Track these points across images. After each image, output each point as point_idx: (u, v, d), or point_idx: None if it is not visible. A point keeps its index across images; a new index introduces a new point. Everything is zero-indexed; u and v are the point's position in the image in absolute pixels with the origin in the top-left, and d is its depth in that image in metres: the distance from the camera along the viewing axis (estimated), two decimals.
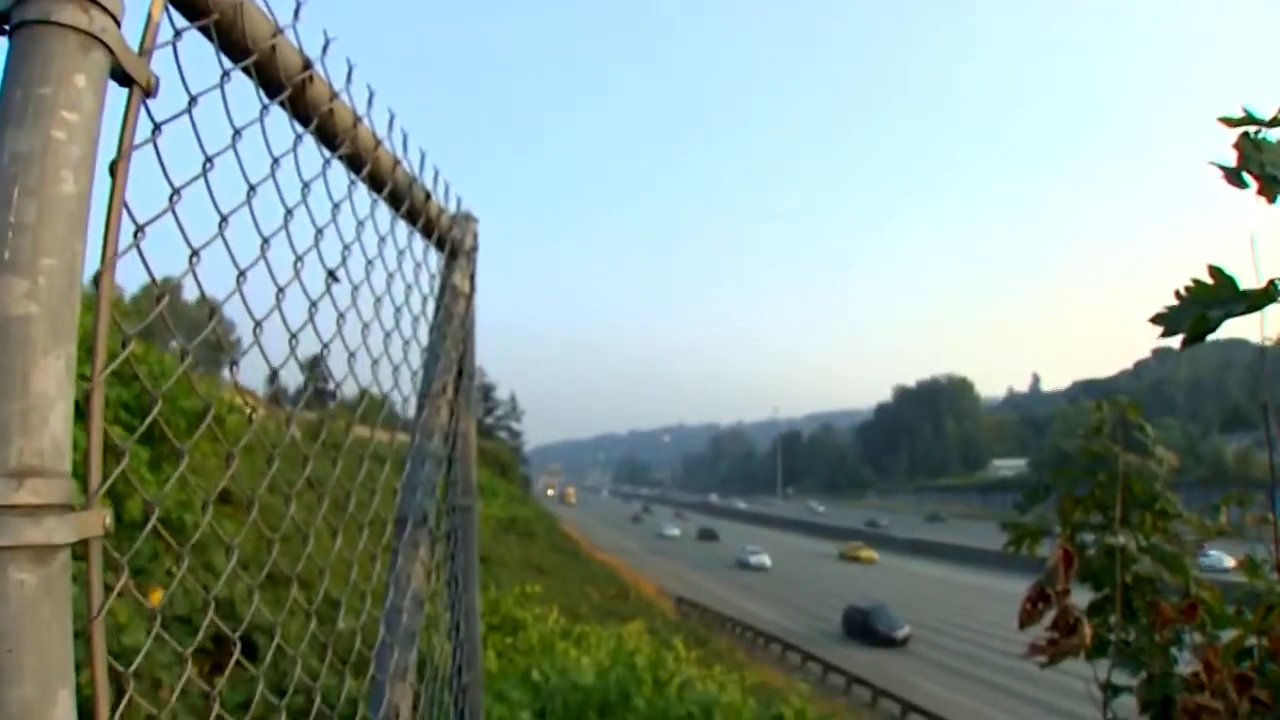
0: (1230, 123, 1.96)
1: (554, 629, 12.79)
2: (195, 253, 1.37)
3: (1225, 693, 2.88)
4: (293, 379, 1.76)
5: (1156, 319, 1.92)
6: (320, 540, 1.92)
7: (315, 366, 1.92)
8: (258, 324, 1.56)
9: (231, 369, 1.66)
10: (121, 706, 1.21)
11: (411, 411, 2.53)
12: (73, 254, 1.04)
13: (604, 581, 35.81)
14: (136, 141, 1.20)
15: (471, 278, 2.91)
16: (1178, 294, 1.91)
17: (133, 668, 1.26)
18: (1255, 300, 1.83)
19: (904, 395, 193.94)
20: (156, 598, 4.29)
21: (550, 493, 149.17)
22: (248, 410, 2.05)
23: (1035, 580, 3.62)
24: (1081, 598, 3.40)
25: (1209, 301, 1.86)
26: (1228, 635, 3.16)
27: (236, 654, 1.58)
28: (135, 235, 1.21)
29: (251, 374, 1.63)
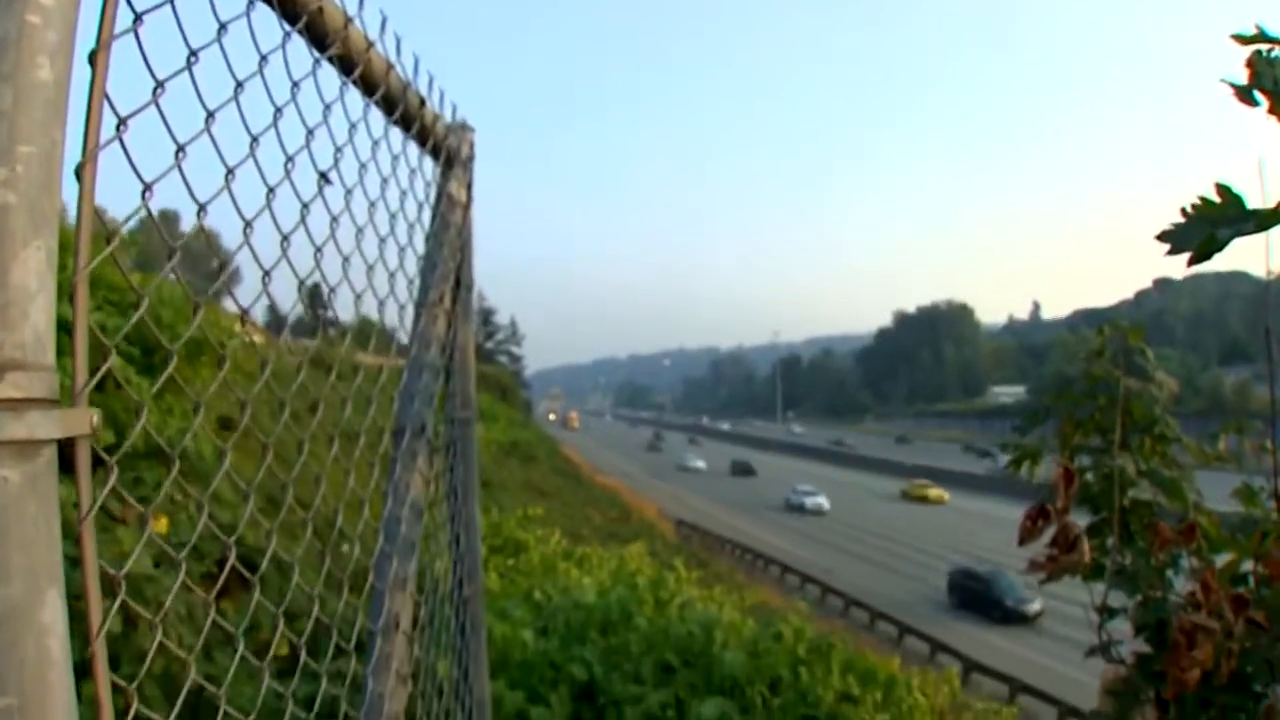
0: (1243, 40, 1.91)
1: (556, 550, 12.89)
2: (181, 148, 1.33)
3: (1221, 613, 2.89)
4: (288, 293, 1.73)
5: (1163, 236, 1.88)
6: (322, 463, 1.92)
7: (314, 295, 1.90)
8: (247, 224, 1.52)
9: (229, 285, 1.62)
10: (112, 611, 1.18)
11: (409, 323, 2.50)
12: (51, 142, 1.00)
13: (605, 504, 36.09)
14: (116, 31, 1.15)
15: (468, 187, 2.86)
16: (1184, 212, 1.87)
17: (124, 571, 1.23)
18: (1264, 219, 1.80)
19: (904, 321, 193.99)
20: (161, 524, 4.31)
21: (551, 417, 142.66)
22: (247, 337, 2.01)
23: (1037, 498, 3.63)
24: (1079, 523, 3.40)
25: (1216, 220, 1.82)
26: (1223, 561, 3.17)
27: (258, 587, 1.57)
28: (118, 128, 1.17)
29: (250, 303, 1.60)
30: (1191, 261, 1.85)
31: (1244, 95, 1.86)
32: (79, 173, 1.10)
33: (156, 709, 1.33)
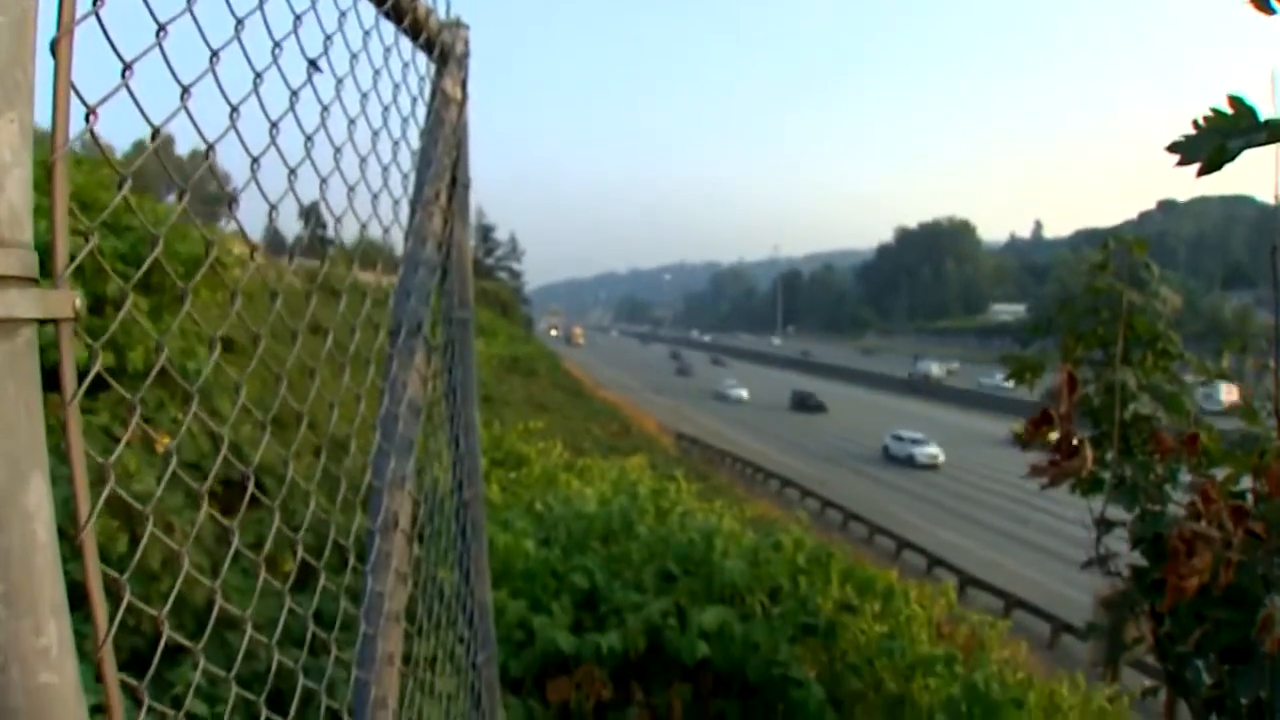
0: None
1: (557, 463, 12.94)
2: (161, 28, 1.28)
3: (1221, 523, 2.89)
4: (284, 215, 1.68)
5: (1174, 147, 1.84)
6: (324, 381, 1.90)
7: (310, 213, 1.86)
8: (234, 109, 1.47)
9: (230, 207, 1.57)
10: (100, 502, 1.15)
11: (405, 220, 2.45)
12: (23, 11, 0.95)
13: (606, 418, 36.25)
14: None
15: (463, 85, 2.80)
16: (1196, 124, 1.83)
17: (110, 458, 1.21)
18: (1277, 131, 1.75)
19: (905, 237, 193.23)
20: (163, 443, 4.30)
21: (553, 333, 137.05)
22: (246, 253, 1.97)
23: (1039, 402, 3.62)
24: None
25: (1228, 131, 1.78)
26: (1221, 476, 3.17)
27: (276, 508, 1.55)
28: (94, 3, 1.12)
29: (247, 222, 1.55)
30: (1201, 172, 1.81)
31: (1260, 3, 1.79)
32: (54, 48, 1.05)
33: (169, 627, 1.32)
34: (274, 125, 1.60)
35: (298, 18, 1.71)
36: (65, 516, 1.01)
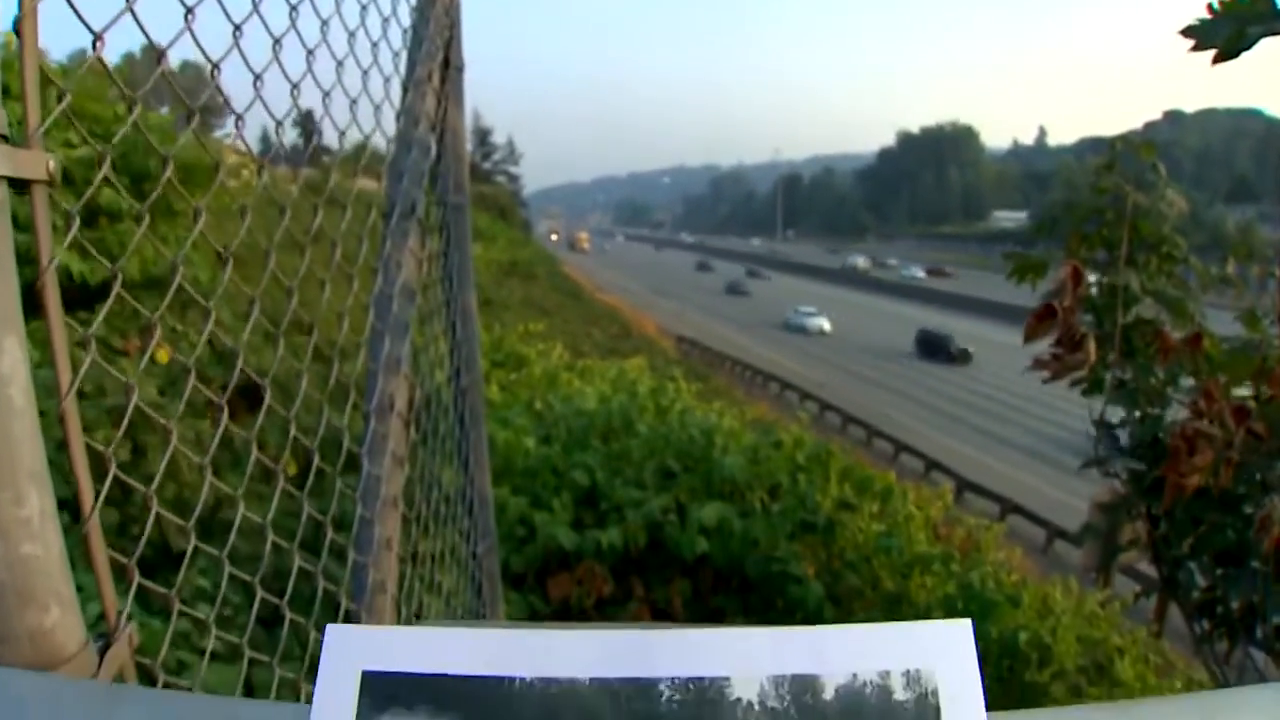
0: None
1: (558, 364, 12.93)
2: None
3: (1223, 422, 2.88)
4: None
5: (1189, 31, 1.77)
6: (319, 289, 1.87)
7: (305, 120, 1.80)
8: None
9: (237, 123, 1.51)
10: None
11: (396, 99, 2.39)
12: None
13: (606, 321, 36.23)
14: None
15: None
16: (1211, 9, 1.75)
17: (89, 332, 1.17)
18: None
19: (907, 141, 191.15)
20: (163, 354, 4.28)
21: (554, 238, 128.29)
22: (240, 162, 1.92)
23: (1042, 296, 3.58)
24: None
25: (1247, 16, 1.70)
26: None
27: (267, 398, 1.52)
28: None
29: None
30: (1217, 59, 1.74)
31: None
32: None
33: (170, 534, 1.30)
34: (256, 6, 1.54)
35: None
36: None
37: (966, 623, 0.53)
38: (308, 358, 1.85)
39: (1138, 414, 3.43)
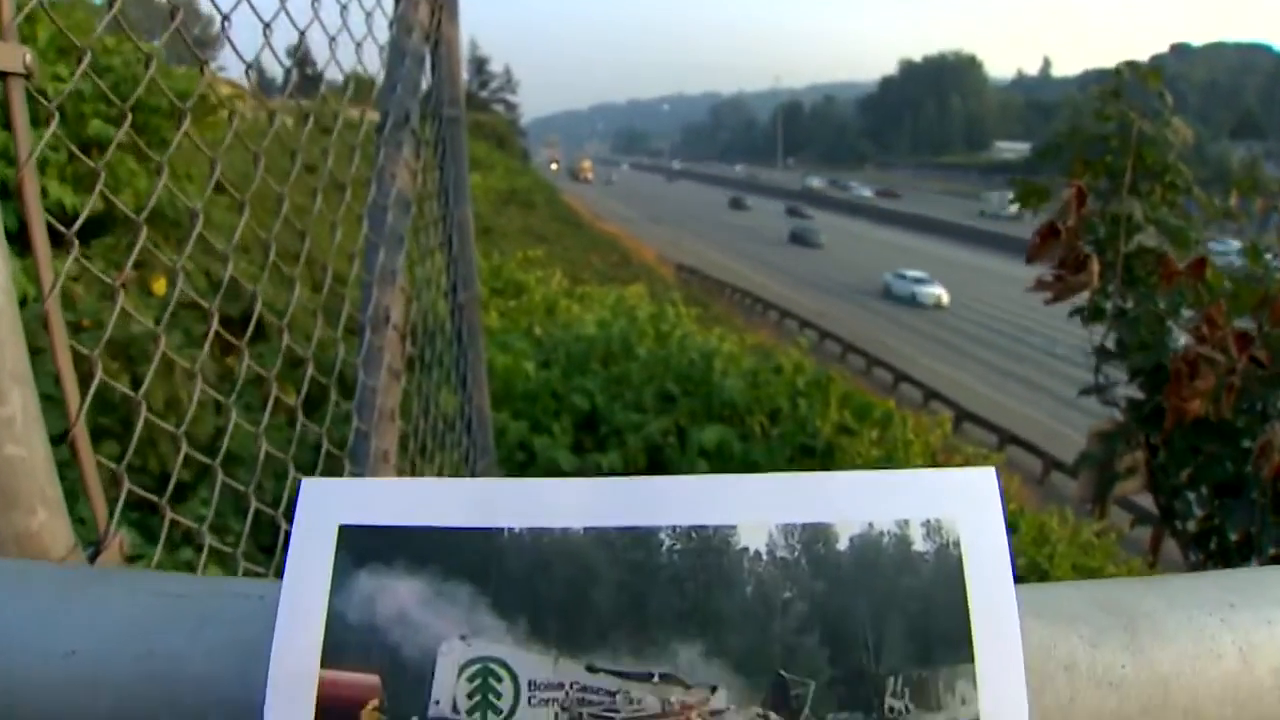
0: None
1: (557, 291, 12.89)
2: None
3: (1225, 348, 2.85)
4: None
5: None
6: (315, 218, 1.83)
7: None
8: None
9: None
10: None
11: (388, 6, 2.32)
12: None
13: (605, 249, 36.10)
14: None
15: None
16: None
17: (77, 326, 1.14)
18: None
19: (910, 70, 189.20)
20: (160, 286, 4.25)
21: (554, 167, 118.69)
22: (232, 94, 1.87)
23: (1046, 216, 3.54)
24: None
25: None
26: None
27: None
28: None
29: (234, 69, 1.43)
30: None
31: None
32: None
33: (172, 463, 1.27)
34: None
35: None
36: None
37: (990, 471, 0.50)
38: (296, 286, 1.82)
39: (1139, 341, 3.42)
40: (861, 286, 42.90)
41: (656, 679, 0.47)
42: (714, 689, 0.47)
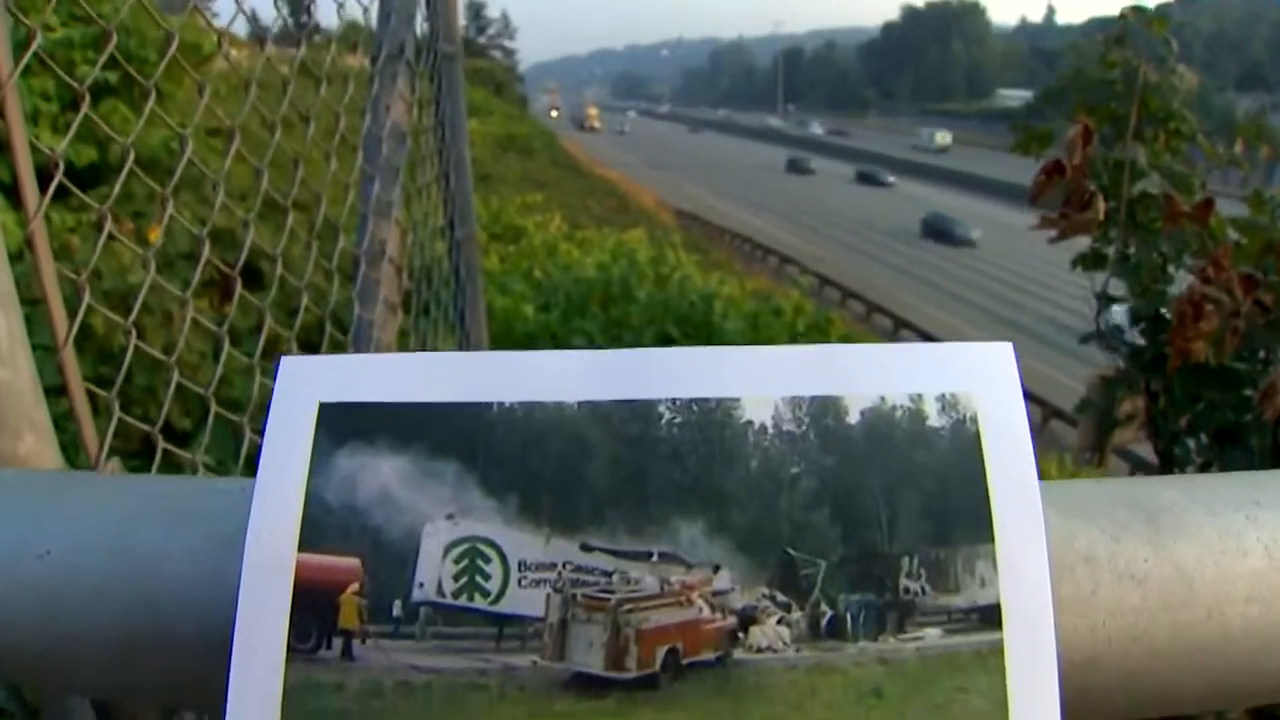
0: None
1: (556, 235, 12.86)
2: None
3: (1230, 290, 2.83)
4: None
5: None
6: (313, 165, 1.80)
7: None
8: None
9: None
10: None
11: None
12: None
13: (605, 194, 35.96)
14: None
15: None
16: None
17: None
18: None
19: (912, 15, 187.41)
20: (155, 234, 4.24)
21: (554, 114, 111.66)
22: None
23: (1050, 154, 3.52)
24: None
25: None
26: None
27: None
28: None
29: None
30: None
31: None
32: None
33: (172, 413, 1.24)
34: None
35: None
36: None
37: (1008, 345, 0.47)
38: (288, 229, 1.80)
39: (1140, 288, 3.41)
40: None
41: (655, 558, 0.45)
42: (717, 568, 0.44)
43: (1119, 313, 3.52)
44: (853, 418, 0.46)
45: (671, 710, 0.43)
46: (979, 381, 0.46)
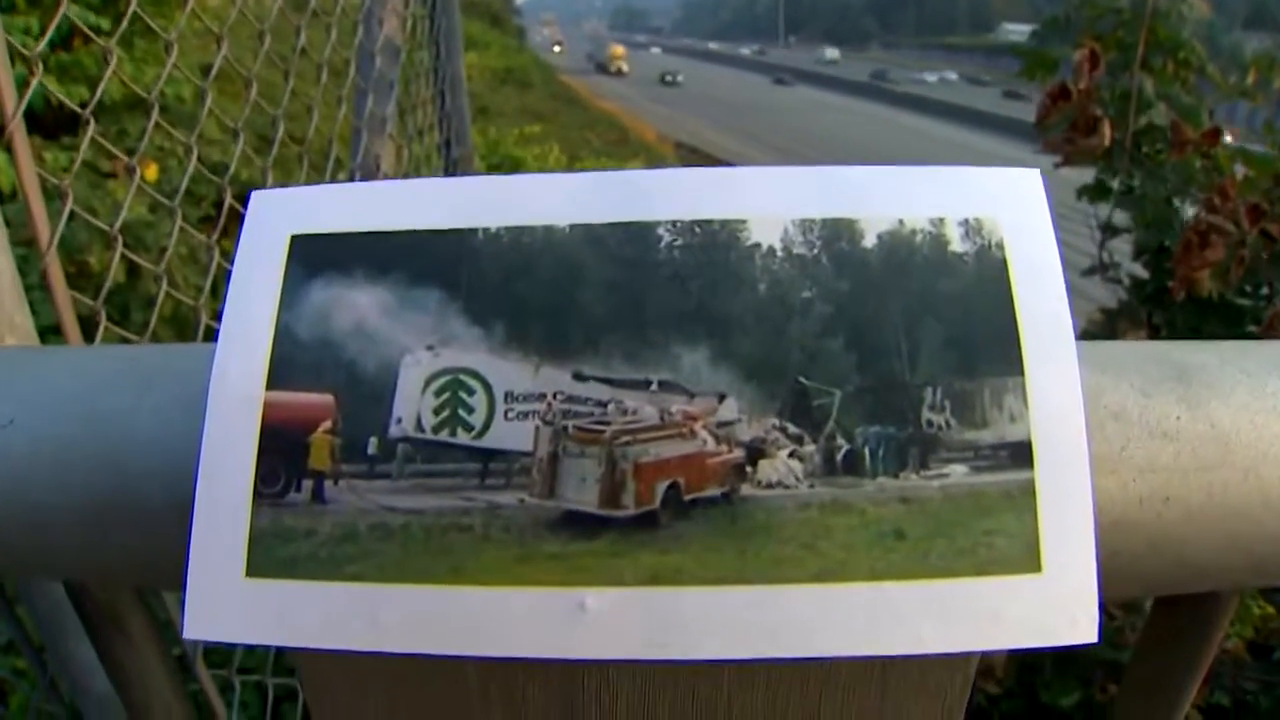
0: None
1: (555, 167, 12.74)
2: None
3: (1237, 220, 2.80)
4: None
5: None
6: (310, 96, 1.79)
7: None
8: None
9: None
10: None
11: None
12: None
13: (604, 127, 35.72)
14: None
15: None
16: None
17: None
18: None
19: None
20: (151, 172, 4.20)
21: (557, 49, 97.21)
22: None
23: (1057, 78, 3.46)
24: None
25: None
26: None
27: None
28: None
29: None
30: None
31: None
32: None
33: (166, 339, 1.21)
34: None
35: None
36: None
37: (1036, 170, 0.43)
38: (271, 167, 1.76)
39: (1144, 219, 3.38)
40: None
41: (654, 386, 0.41)
42: (722, 397, 0.41)
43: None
44: (869, 241, 0.42)
45: (672, 551, 0.40)
46: (1006, 207, 0.42)
